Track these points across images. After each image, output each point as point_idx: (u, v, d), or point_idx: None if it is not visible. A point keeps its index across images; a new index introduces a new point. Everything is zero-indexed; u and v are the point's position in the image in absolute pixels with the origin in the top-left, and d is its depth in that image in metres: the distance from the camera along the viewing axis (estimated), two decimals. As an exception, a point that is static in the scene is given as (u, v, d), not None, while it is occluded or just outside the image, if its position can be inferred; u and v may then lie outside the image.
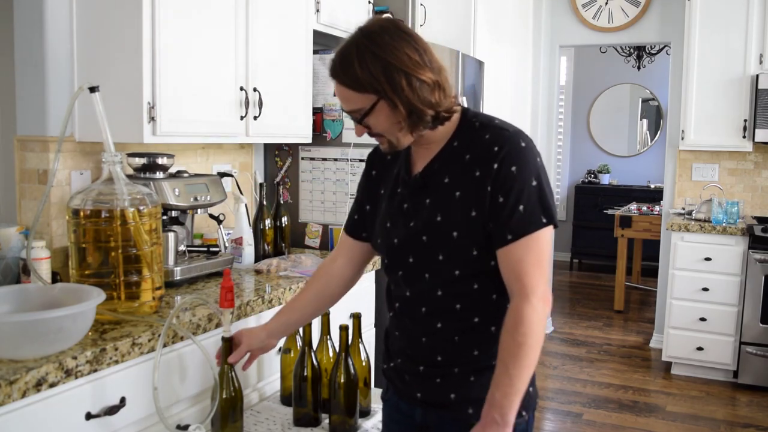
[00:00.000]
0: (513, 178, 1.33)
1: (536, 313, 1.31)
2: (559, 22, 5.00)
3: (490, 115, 1.46)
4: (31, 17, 2.12)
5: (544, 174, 1.36)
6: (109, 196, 1.71)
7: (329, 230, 3.01)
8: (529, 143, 1.37)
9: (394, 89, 1.33)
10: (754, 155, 4.56)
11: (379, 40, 1.33)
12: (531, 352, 1.30)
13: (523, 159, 1.35)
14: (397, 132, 1.40)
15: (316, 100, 2.95)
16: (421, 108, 1.35)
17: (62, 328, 1.45)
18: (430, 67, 1.35)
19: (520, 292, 1.32)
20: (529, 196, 1.33)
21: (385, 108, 1.36)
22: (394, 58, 1.32)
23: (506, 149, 1.35)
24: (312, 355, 1.83)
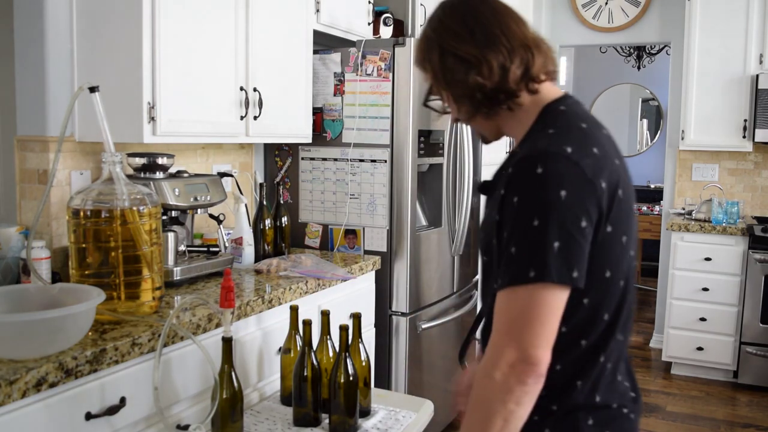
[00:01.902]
0: (512, 212, 1.09)
1: (492, 383, 1.08)
2: (559, 22, 5.00)
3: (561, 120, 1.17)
4: (31, 17, 2.12)
5: (558, 214, 1.05)
6: (109, 196, 1.71)
7: (329, 230, 3.01)
8: (554, 169, 1.06)
9: (432, 68, 1.22)
10: (754, 155, 4.56)
11: (433, 16, 1.24)
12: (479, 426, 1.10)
13: (529, 189, 1.07)
14: (466, 117, 1.25)
15: (316, 100, 2.95)
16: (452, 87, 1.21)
17: (62, 328, 1.45)
18: (474, 40, 1.17)
19: (484, 358, 1.11)
20: (523, 238, 1.07)
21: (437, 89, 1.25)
22: (435, 33, 1.22)
23: (515, 173, 1.10)
24: (312, 355, 1.83)
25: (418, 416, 1.91)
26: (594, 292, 1.14)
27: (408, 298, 2.91)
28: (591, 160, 1.10)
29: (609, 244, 1.12)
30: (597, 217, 1.09)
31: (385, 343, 2.93)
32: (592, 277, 1.12)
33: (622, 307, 1.18)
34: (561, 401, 1.17)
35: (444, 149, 3.13)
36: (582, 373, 1.18)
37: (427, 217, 3.21)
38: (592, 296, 1.14)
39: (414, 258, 2.92)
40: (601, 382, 1.19)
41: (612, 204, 1.11)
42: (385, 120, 2.85)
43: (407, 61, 2.80)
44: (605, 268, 1.14)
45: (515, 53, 1.17)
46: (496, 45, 1.17)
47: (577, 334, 1.16)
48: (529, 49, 1.18)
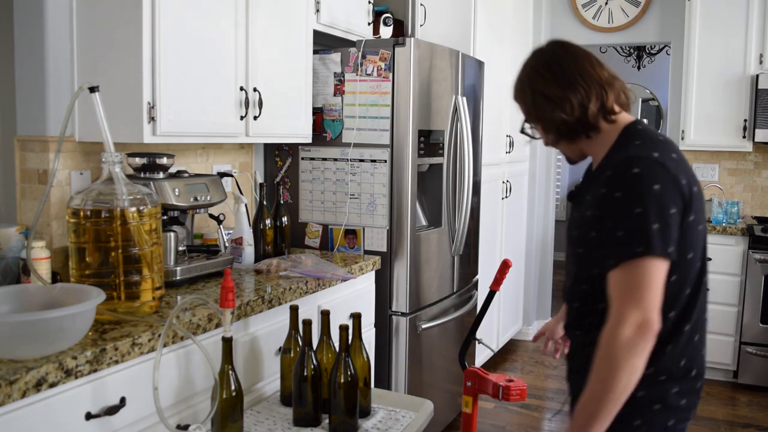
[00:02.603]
0: (616, 204, 1.36)
1: (618, 341, 1.32)
2: (559, 22, 5.00)
3: (643, 135, 1.45)
4: (31, 17, 2.12)
5: (656, 202, 1.33)
6: (109, 196, 1.71)
7: (329, 230, 3.01)
8: (647, 169, 1.35)
9: (525, 104, 1.54)
10: (754, 155, 4.56)
11: (526, 63, 1.57)
12: (610, 379, 1.33)
13: (630, 185, 1.35)
14: (553, 143, 1.56)
15: (316, 100, 2.95)
16: (541, 121, 1.52)
17: (62, 328, 1.45)
18: (557, 82, 1.48)
19: (610, 320, 1.36)
20: (629, 223, 1.34)
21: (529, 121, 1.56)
22: (527, 76, 1.54)
23: (615, 174, 1.38)
24: (312, 355, 1.83)
25: (418, 416, 1.91)
26: (679, 271, 1.40)
27: (408, 298, 2.91)
28: (673, 163, 1.39)
29: (691, 230, 1.40)
30: (682, 207, 1.37)
31: (385, 343, 2.93)
32: (678, 257, 1.38)
33: (700, 284, 1.46)
34: (654, 364, 1.41)
35: (444, 149, 3.13)
36: (671, 340, 1.43)
37: (427, 217, 3.21)
38: (677, 274, 1.40)
39: (414, 258, 2.92)
40: (687, 348, 1.45)
41: (691, 197, 1.39)
42: (385, 120, 2.86)
43: (407, 61, 2.80)
44: (688, 250, 1.41)
45: (591, 92, 1.46)
46: (576, 86, 1.46)
47: (667, 307, 1.39)
48: (603, 87, 1.47)
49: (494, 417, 3.62)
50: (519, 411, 3.74)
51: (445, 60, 3.09)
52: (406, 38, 2.81)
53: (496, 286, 2.34)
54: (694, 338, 1.47)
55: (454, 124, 3.18)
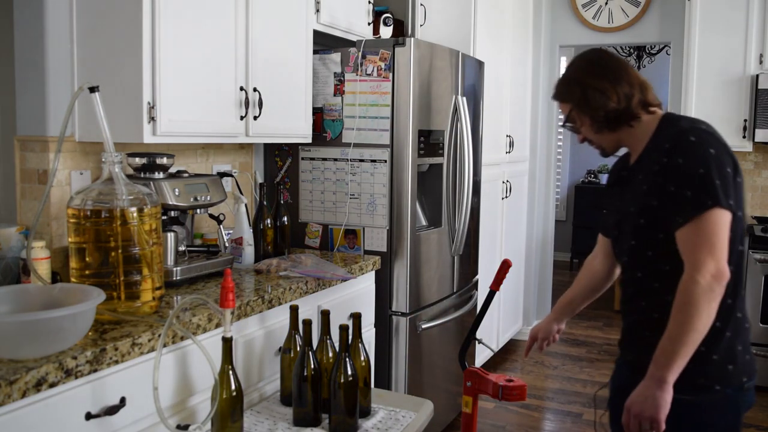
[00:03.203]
0: (679, 169, 1.56)
1: (698, 286, 1.50)
2: (559, 22, 5.00)
3: (685, 117, 1.71)
4: (31, 17, 2.12)
5: (715, 162, 1.53)
6: (109, 196, 1.71)
7: (329, 230, 3.01)
8: (701, 137, 1.58)
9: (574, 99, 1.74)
10: (754, 155, 4.56)
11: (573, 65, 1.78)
12: (691, 320, 1.50)
13: (690, 151, 1.56)
14: (596, 132, 1.75)
15: (316, 100, 2.95)
16: (591, 111, 1.71)
17: (62, 328, 1.45)
18: (606, 78, 1.70)
19: (688, 269, 1.53)
20: (695, 182, 1.53)
21: (577, 114, 1.75)
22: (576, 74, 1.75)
23: (674, 144, 1.60)
24: (312, 355, 1.83)
25: (418, 416, 1.91)
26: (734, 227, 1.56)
27: (408, 298, 2.91)
28: (718, 135, 1.63)
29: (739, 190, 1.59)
30: (733, 168, 1.57)
31: (385, 343, 2.93)
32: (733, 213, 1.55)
33: (740, 263, 1.64)
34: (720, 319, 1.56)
35: (444, 149, 3.13)
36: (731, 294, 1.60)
37: (427, 217, 3.21)
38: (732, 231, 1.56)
39: (414, 258, 2.92)
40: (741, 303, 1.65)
41: (735, 162, 1.59)
42: (385, 120, 2.86)
43: (407, 61, 2.81)
44: (738, 208, 1.57)
45: (634, 87, 1.69)
46: (621, 81, 1.69)
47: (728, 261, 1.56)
48: (642, 85, 1.72)
49: (494, 417, 3.62)
50: (519, 411, 3.74)
51: (445, 60, 3.09)
52: (406, 38, 2.81)
53: (496, 286, 2.34)
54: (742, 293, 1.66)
55: (454, 124, 3.18)
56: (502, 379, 2.10)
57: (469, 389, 2.19)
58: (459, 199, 3.25)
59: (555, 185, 5.32)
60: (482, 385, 2.13)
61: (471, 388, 2.18)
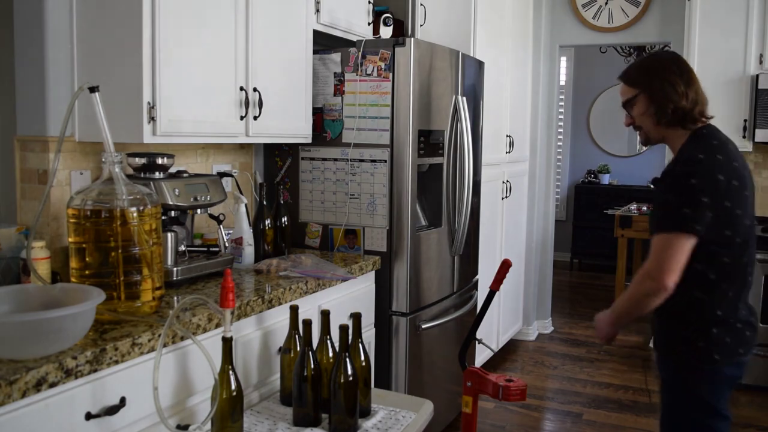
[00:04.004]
0: (662, 194, 1.86)
1: (640, 282, 1.84)
2: (559, 22, 5.00)
3: (702, 138, 1.91)
4: (31, 17, 2.12)
5: (690, 193, 1.79)
6: (109, 196, 1.71)
7: (329, 230, 3.01)
8: (688, 168, 1.82)
9: (650, 87, 1.94)
10: (754, 155, 4.56)
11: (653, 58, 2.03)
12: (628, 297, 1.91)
13: (674, 181, 1.84)
14: (653, 122, 1.96)
15: (316, 100, 2.95)
16: (663, 102, 1.92)
17: (62, 328, 1.45)
18: (683, 80, 1.93)
19: (646, 265, 1.84)
20: (669, 206, 1.82)
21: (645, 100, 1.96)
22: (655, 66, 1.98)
23: (668, 170, 1.88)
24: (312, 355, 1.83)
25: (418, 416, 1.91)
26: (718, 243, 1.84)
27: (408, 298, 2.91)
28: (714, 161, 1.83)
29: (728, 214, 1.83)
30: (716, 196, 1.79)
31: (385, 343, 2.93)
32: (715, 233, 1.82)
33: (741, 255, 1.88)
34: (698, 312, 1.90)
35: (444, 149, 3.13)
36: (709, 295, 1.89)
37: (427, 217, 3.21)
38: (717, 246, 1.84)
39: (414, 258, 2.92)
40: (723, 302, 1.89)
41: (728, 189, 1.82)
42: (385, 120, 2.85)
43: (407, 61, 2.80)
44: (725, 229, 1.83)
45: (699, 96, 1.95)
46: (693, 87, 1.94)
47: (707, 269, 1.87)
48: (704, 97, 1.98)
49: (494, 417, 3.62)
50: (519, 411, 3.74)
51: (445, 60, 3.09)
52: (406, 38, 2.81)
53: (496, 286, 2.34)
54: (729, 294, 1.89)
55: (454, 124, 3.18)
56: (502, 379, 2.10)
57: (469, 389, 2.19)
58: (459, 199, 3.25)
59: (555, 185, 5.32)
60: (482, 385, 2.13)
61: (471, 388, 2.18)
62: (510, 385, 2.05)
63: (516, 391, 2.05)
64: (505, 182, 4.31)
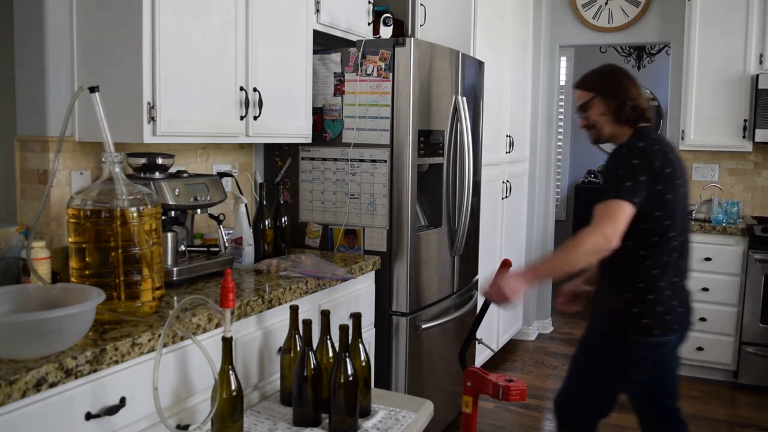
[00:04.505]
0: (609, 170, 2.12)
1: (591, 237, 2.03)
2: (559, 22, 5.00)
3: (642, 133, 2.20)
4: (31, 17, 2.12)
5: (631, 169, 2.06)
6: (109, 196, 1.71)
7: (329, 230, 3.01)
8: (631, 151, 2.11)
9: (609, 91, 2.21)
10: (754, 155, 4.56)
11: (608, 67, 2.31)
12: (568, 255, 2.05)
13: (618, 160, 2.12)
14: (608, 122, 2.22)
15: (316, 100, 2.95)
16: (621, 101, 2.18)
17: (62, 328, 1.45)
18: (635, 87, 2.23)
19: (591, 226, 2.05)
20: (615, 180, 2.08)
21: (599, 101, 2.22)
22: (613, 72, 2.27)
23: (614, 155, 2.15)
24: (312, 355, 1.83)
25: (418, 416, 1.91)
26: (648, 222, 2.10)
27: (408, 298, 2.91)
28: (652, 150, 2.12)
29: (658, 196, 2.09)
30: (652, 178, 2.07)
31: (385, 343, 2.93)
32: (646, 211, 2.08)
33: (669, 238, 2.13)
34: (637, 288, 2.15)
35: (444, 149, 3.13)
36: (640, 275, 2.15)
37: (427, 217, 3.21)
38: (646, 224, 2.10)
39: (414, 258, 2.92)
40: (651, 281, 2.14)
41: (661, 174, 2.09)
42: (385, 120, 2.86)
43: (407, 61, 2.80)
44: (656, 209, 2.10)
45: (645, 102, 2.22)
46: (640, 92, 2.23)
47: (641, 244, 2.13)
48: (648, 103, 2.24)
49: (494, 417, 3.62)
50: (519, 411, 3.74)
51: (445, 60, 3.09)
52: (406, 38, 2.81)
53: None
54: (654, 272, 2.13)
55: (454, 124, 3.18)
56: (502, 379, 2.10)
57: (469, 389, 2.19)
58: (459, 199, 3.25)
59: (555, 185, 5.32)
60: (482, 385, 2.13)
61: (471, 388, 2.18)
62: (510, 385, 2.05)
63: (516, 391, 2.05)
64: (505, 182, 4.31)
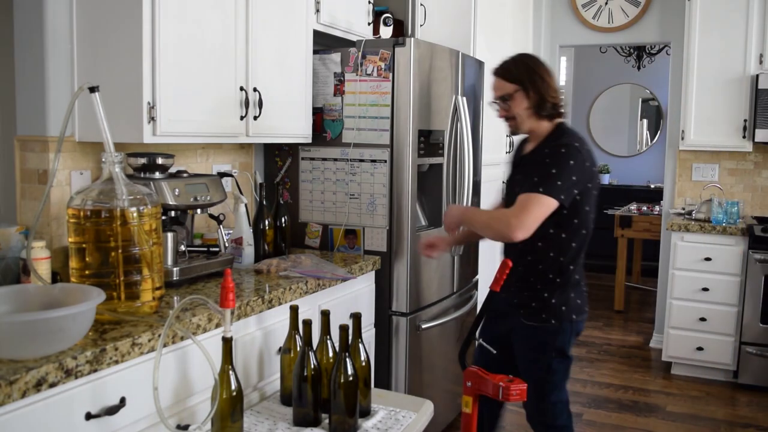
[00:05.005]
0: (544, 164, 2.15)
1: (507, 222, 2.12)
2: (559, 22, 5.00)
3: (569, 131, 2.26)
4: (31, 17, 2.12)
5: (568, 171, 2.12)
6: (109, 196, 1.71)
7: (329, 230, 3.01)
8: (570, 151, 2.16)
9: (530, 83, 2.22)
10: (754, 155, 4.56)
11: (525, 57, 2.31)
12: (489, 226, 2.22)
13: (555, 156, 2.15)
14: (527, 114, 2.24)
15: (316, 100, 2.95)
16: (540, 95, 2.21)
17: (62, 328, 1.45)
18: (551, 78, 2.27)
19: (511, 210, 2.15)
20: (546, 175, 2.12)
21: (521, 94, 2.23)
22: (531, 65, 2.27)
23: (551, 150, 2.19)
24: (312, 355, 1.83)
25: (418, 416, 1.91)
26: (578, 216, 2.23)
27: (408, 298, 2.91)
28: (585, 151, 2.20)
29: (588, 194, 2.21)
30: (583, 178, 2.16)
31: (385, 343, 2.93)
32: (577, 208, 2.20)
33: (589, 226, 2.29)
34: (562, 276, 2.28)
35: (444, 149, 3.13)
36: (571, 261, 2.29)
37: (427, 217, 3.21)
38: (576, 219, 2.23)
39: (414, 258, 2.92)
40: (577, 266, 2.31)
41: (590, 172, 2.20)
42: (385, 120, 2.85)
43: (407, 61, 2.80)
44: (585, 205, 2.23)
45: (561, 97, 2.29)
46: (557, 86, 2.28)
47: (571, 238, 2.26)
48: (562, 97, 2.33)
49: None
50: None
51: (445, 60, 3.09)
52: (406, 38, 2.81)
53: (496, 286, 2.33)
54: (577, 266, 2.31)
55: (454, 124, 3.18)
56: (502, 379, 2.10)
57: (469, 389, 2.19)
58: (459, 199, 3.25)
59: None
60: (482, 385, 2.13)
61: (471, 388, 2.18)
62: (510, 385, 2.05)
63: (516, 391, 2.05)
64: (505, 182, 4.30)
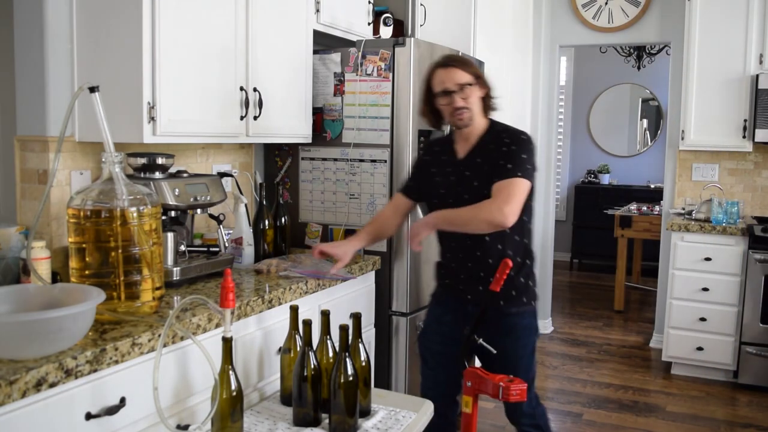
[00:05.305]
0: (512, 152, 2.23)
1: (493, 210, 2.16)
2: (559, 22, 5.00)
3: (506, 125, 2.36)
4: (31, 17, 2.12)
5: (531, 156, 2.25)
6: (109, 196, 1.71)
7: (329, 230, 3.01)
8: (529, 138, 2.29)
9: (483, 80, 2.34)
10: (754, 155, 4.56)
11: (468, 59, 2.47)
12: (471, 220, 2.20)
13: (521, 142, 2.26)
14: (478, 108, 2.31)
15: (316, 100, 2.95)
16: (489, 90, 2.35)
17: (62, 328, 1.45)
18: None
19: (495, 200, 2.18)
20: (522, 161, 2.22)
21: (477, 87, 2.31)
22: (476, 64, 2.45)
23: (512, 137, 2.28)
24: (312, 355, 1.83)
25: (418, 416, 1.91)
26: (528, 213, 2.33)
27: (408, 298, 2.91)
28: None
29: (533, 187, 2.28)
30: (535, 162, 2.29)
31: (385, 343, 2.93)
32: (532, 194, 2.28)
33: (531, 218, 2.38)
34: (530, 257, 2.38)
35: (444, 149, 3.13)
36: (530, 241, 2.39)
37: (427, 217, 3.20)
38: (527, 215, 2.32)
39: (414, 258, 2.92)
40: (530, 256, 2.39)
41: None
42: (385, 120, 2.86)
43: (407, 61, 2.80)
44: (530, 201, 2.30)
45: None
46: None
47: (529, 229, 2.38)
48: None
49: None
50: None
51: (445, 60, 3.08)
52: (406, 38, 2.81)
53: (496, 286, 2.33)
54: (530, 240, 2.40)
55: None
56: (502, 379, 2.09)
57: (469, 389, 2.19)
58: (459, 199, 3.25)
59: (555, 185, 5.32)
60: (482, 385, 2.13)
61: (471, 388, 2.18)
62: (510, 385, 2.05)
63: (516, 391, 2.05)
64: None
